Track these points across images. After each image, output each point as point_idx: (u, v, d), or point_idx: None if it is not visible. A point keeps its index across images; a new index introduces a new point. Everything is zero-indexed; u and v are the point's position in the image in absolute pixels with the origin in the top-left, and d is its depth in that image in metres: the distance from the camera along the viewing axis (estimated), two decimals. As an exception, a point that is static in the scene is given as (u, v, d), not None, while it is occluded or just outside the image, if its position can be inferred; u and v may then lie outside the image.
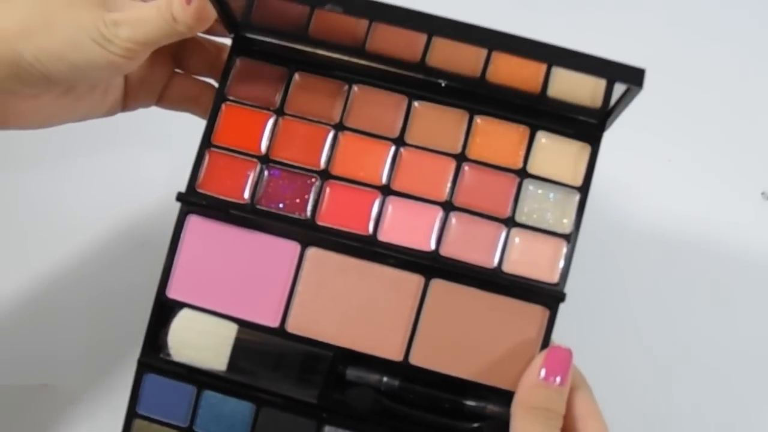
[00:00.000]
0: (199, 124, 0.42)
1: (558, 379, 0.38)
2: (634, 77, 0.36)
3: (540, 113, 0.41)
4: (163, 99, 0.46)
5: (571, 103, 0.40)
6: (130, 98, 0.45)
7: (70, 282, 0.55)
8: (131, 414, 0.40)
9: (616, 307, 0.56)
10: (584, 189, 0.40)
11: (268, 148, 0.41)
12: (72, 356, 0.54)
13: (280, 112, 0.42)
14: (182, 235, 0.41)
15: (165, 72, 0.45)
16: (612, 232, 0.49)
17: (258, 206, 0.41)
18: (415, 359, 0.40)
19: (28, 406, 0.53)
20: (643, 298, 0.57)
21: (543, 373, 0.38)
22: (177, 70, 0.46)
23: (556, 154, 0.41)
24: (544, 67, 0.39)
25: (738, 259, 0.58)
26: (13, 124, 0.41)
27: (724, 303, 0.57)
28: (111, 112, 0.44)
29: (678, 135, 0.57)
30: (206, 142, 0.42)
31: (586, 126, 0.41)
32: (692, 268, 0.58)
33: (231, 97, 0.42)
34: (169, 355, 0.40)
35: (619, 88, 0.38)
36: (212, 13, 0.39)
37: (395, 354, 0.40)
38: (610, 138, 0.41)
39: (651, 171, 0.48)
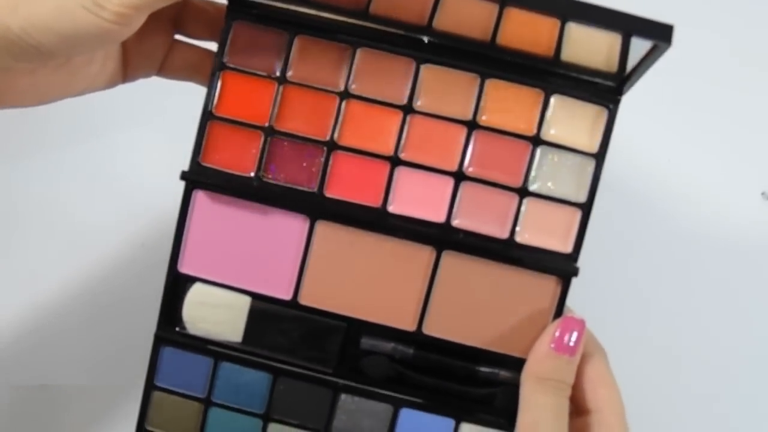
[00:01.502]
0: (196, 100, 0.41)
1: (569, 348, 0.38)
2: (662, 33, 0.34)
3: (554, 76, 0.39)
4: (165, 68, 0.44)
5: (587, 66, 0.38)
6: (129, 68, 0.42)
7: (69, 277, 0.55)
8: (149, 386, 0.41)
9: (624, 284, 0.57)
10: (600, 156, 0.39)
11: (272, 118, 0.40)
12: (75, 356, 0.55)
13: (282, 79, 0.40)
14: (190, 211, 0.40)
15: (164, 39, 0.43)
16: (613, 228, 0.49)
17: (265, 179, 0.40)
18: (429, 329, 0.40)
19: (28, 406, 0.54)
20: (642, 295, 0.58)
21: (553, 343, 0.38)
22: (177, 37, 0.44)
23: (571, 119, 0.39)
24: (557, 27, 0.37)
25: (738, 259, 0.58)
26: (9, 103, 0.39)
27: (724, 303, 0.57)
28: (111, 84, 0.42)
29: (678, 135, 0.55)
30: (207, 114, 0.40)
31: (604, 89, 0.39)
32: (692, 268, 0.58)
33: (230, 65, 0.40)
34: (184, 328, 0.41)
35: (637, 49, 0.36)
36: None
37: (408, 324, 0.40)
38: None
39: (651, 171, 0.47)
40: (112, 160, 0.57)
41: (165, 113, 0.48)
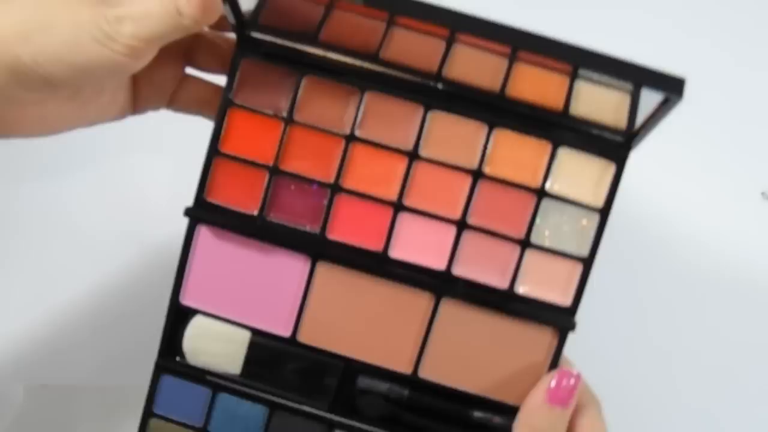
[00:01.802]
0: (202, 129, 0.41)
1: (562, 401, 0.38)
2: (673, 86, 0.33)
3: (563, 128, 0.39)
4: (174, 101, 0.44)
5: (596, 121, 0.38)
6: (139, 100, 0.43)
7: (80, 284, 0.56)
8: (148, 413, 0.42)
9: (618, 299, 0.57)
10: (605, 211, 0.39)
11: (278, 157, 0.40)
12: (86, 356, 0.56)
13: (289, 119, 0.40)
14: (193, 245, 0.41)
15: (175, 72, 0.43)
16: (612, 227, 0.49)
17: (268, 218, 0.40)
18: (424, 372, 0.40)
19: (40, 405, 0.54)
20: (643, 295, 0.57)
21: (547, 395, 0.38)
22: (188, 71, 0.43)
23: (577, 173, 0.39)
24: (566, 84, 0.37)
25: (738, 259, 0.58)
26: (18, 132, 0.39)
27: (724, 303, 0.57)
28: (120, 116, 0.43)
29: (677, 134, 0.55)
30: (214, 150, 0.40)
31: (612, 144, 0.39)
32: (692, 268, 0.57)
33: (237, 102, 0.40)
34: (184, 359, 0.41)
35: (648, 102, 0.35)
36: (218, 6, 0.36)
37: (405, 367, 0.40)
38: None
39: (650, 171, 0.46)
40: (122, 181, 0.58)
41: (175, 139, 0.48)
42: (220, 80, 0.42)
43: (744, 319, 0.57)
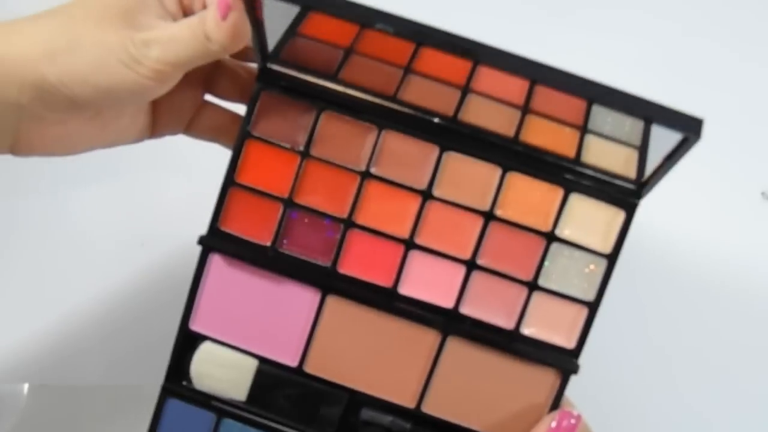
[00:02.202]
0: (219, 150, 0.41)
1: None
2: (690, 126, 0.34)
3: (575, 174, 0.39)
4: (192, 127, 0.44)
5: (607, 170, 0.39)
6: (158, 125, 0.43)
7: (84, 295, 0.56)
8: (152, 437, 0.42)
9: (618, 299, 0.56)
10: (613, 257, 0.40)
11: (293, 191, 0.40)
12: (93, 357, 0.56)
13: (305, 153, 0.40)
14: (205, 272, 0.41)
15: (194, 98, 0.43)
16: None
17: (280, 250, 0.41)
18: (427, 407, 0.41)
19: (47, 404, 0.55)
20: (642, 296, 0.58)
21: None
22: (207, 99, 0.44)
23: (587, 219, 0.40)
24: (577, 135, 0.37)
25: (738, 259, 0.58)
26: (39, 151, 0.40)
27: (724, 303, 0.57)
28: (138, 139, 0.43)
29: None
30: (230, 180, 0.41)
31: (623, 191, 0.39)
32: (691, 268, 0.58)
33: (255, 134, 0.40)
34: (191, 383, 0.42)
35: (659, 146, 0.36)
36: (247, 32, 0.37)
37: (408, 401, 0.41)
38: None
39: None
40: (137, 194, 0.59)
41: (191, 158, 0.49)
42: (238, 108, 0.43)
43: (744, 319, 0.58)
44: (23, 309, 0.56)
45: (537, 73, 0.34)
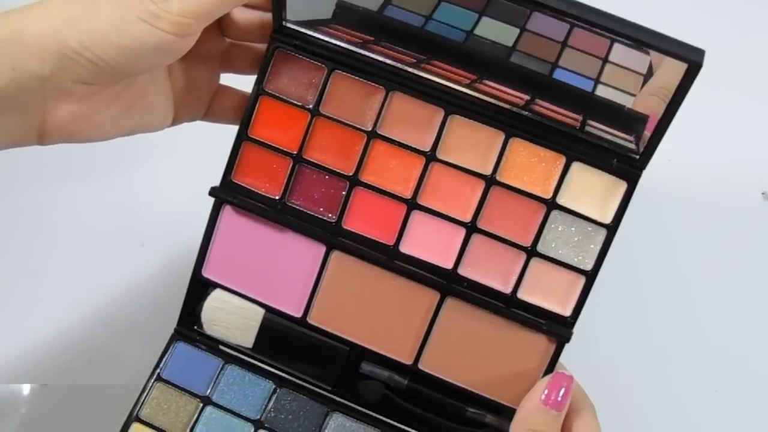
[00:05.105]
0: (217, 152, 0.43)
1: (557, 404, 0.39)
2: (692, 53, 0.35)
3: (578, 141, 0.40)
4: (211, 110, 0.46)
5: (610, 140, 0.39)
6: (178, 109, 0.44)
7: (87, 293, 0.58)
8: (154, 377, 0.44)
9: (618, 299, 0.57)
10: (612, 228, 0.40)
11: (302, 147, 0.42)
12: (96, 357, 0.57)
13: (315, 111, 0.42)
14: (217, 223, 0.43)
15: (211, 78, 0.45)
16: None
17: (288, 203, 0.42)
18: (424, 365, 0.42)
19: (51, 403, 0.56)
20: (642, 295, 0.57)
21: (543, 398, 0.40)
22: (222, 82, 0.46)
23: (588, 187, 0.40)
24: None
25: (738, 259, 0.57)
26: (64, 135, 0.40)
27: (724, 303, 0.57)
28: (160, 126, 0.44)
29: (677, 134, 0.54)
30: (243, 134, 0.42)
31: (626, 160, 0.39)
32: (692, 268, 0.57)
33: (268, 90, 0.42)
34: (201, 328, 0.44)
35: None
36: None
37: (406, 357, 0.42)
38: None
39: (649, 171, 0.46)
40: (142, 185, 0.61)
41: (191, 159, 0.51)
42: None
43: (744, 319, 0.57)
44: (24, 309, 0.58)
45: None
